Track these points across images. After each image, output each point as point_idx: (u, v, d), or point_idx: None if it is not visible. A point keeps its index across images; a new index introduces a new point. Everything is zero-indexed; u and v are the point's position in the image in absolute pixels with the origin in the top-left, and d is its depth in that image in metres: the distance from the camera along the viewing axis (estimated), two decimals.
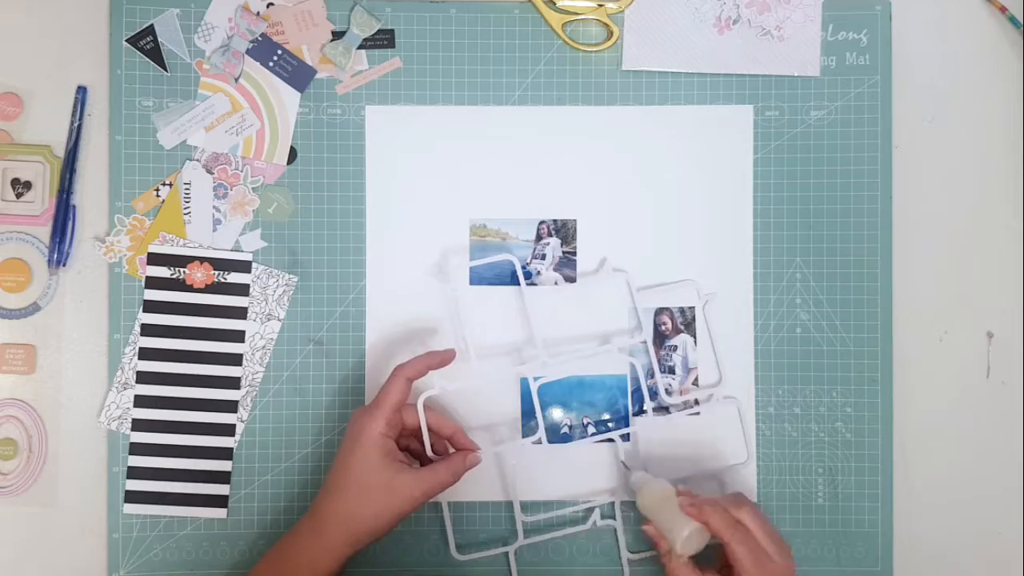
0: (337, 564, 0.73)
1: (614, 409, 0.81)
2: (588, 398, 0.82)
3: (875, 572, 0.82)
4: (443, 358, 0.78)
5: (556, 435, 0.81)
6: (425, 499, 0.74)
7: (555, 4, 0.83)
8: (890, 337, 0.83)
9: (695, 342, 0.82)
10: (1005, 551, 0.83)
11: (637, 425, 0.81)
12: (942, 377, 0.83)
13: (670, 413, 0.81)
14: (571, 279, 0.82)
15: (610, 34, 0.83)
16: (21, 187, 0.81)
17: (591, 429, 0.81)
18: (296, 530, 0.74)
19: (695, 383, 0.82)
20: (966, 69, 0.85)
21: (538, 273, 0.82)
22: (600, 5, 0.83)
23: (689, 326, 0.82)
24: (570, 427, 0.81)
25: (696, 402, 0.82)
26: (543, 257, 0.82)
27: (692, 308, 0.82)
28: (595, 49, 0.83)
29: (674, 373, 0.82)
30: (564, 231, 0.82)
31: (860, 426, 0.82)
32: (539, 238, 0.82)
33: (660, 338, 0.82)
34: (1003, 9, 0.84)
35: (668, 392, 0.81)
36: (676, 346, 0.82)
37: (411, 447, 0.78)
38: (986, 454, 0.84)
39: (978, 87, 0.84)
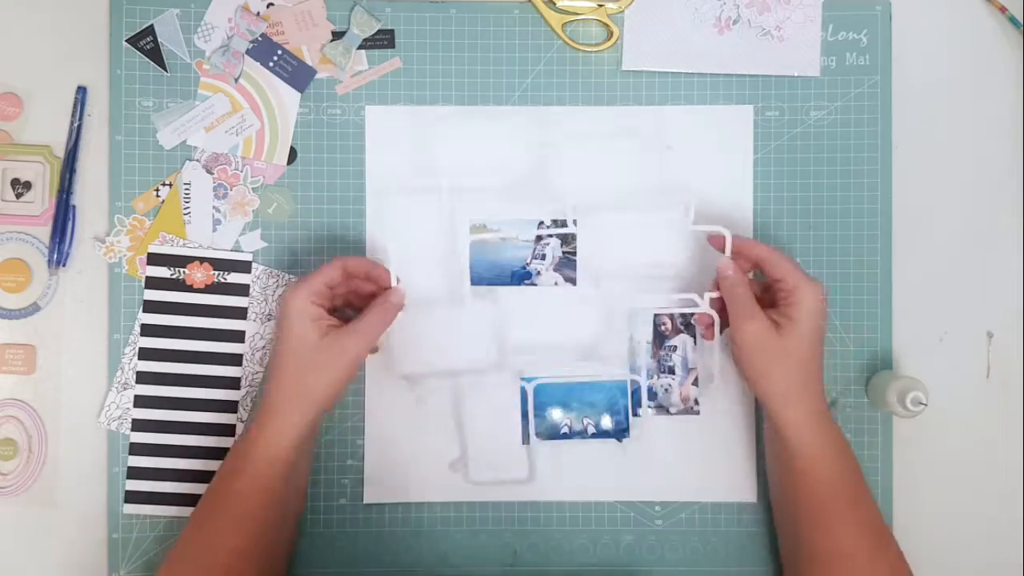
0: (294, 447, 0.72)
1: (614, 409, 0.81)
2: (588, 398, 0.81)
3: None
4: (383, 275, 0.77)
5: (556, 435, 0.81)
6: (366, 353, 0.75)
7: (555, 4, 0.83)
8: (890, 337, 0.83)
9: (695, 342, 0.82)
10: (1005, 551, 0.83)
11: (637, 425, 0.81)
12: (942, 377, 0.83)
13: (670, 413, 0.81)
14: (571, 279, 0.82)
15: (610, 34, 0.83)
16: (21, 187, 0.81)
17: (591, 429, 0.81)
18: (248, 427, 0.74)
19: (695, 383, 0.82)
20: (966, 69, 0.84)
21: (538, 273, 0.82)
22: (600, 5, 0.82)
23: (689, 326, 0.82)
24: (570, 427, 0.81)
25: (696, 402, 0.82)
26: (543, 257, 0.82)
27: None
28: (595, 49, 0.83)
29: (674, 373, 0.82)
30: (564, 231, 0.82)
31: (860, 425, 0.82)
32: (539, 238, 0.82)
33: (660, 338, 0.82)
34: (1003, 9, 0.84)
35: (668, 392, 0.81)
36: (676, 346, 0.82)
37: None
38: (986, 454, 0.83)
39: (978, 87, 0.84)
